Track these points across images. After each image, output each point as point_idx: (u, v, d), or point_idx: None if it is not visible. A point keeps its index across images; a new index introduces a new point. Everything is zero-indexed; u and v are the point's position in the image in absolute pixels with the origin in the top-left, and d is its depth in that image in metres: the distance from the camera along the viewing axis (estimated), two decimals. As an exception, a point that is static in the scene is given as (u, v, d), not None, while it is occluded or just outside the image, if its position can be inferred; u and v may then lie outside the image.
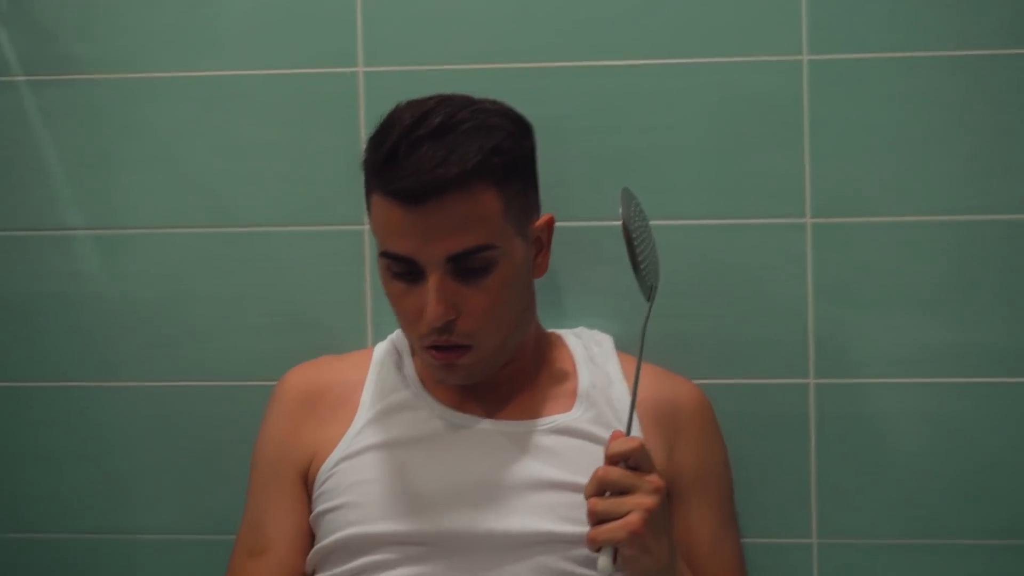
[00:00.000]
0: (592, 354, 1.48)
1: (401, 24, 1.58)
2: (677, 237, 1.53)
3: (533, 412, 1.42)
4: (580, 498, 1.31)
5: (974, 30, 1.52)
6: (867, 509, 1.56)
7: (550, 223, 1.42)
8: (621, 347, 1.51)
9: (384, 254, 1.34)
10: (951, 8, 1.52)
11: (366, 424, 1.41)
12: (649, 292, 1.33)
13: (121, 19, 1.61)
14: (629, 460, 1.26)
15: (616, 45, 1.55)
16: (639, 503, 1.24)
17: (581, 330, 1.53)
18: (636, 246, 1.30)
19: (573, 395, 1.44)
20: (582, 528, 1.31)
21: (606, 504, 1.24)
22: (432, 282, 1.31)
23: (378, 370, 1.46)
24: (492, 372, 1.39)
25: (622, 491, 1.25)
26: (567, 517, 1.34)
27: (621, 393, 1.45)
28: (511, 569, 1.33)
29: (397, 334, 1.50)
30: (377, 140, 1.33)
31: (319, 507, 1.40)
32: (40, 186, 1.63)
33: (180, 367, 1.63)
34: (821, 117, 1.54)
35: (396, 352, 1.48)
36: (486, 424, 1.40)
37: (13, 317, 1.65)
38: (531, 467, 1.37)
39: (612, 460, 1.26)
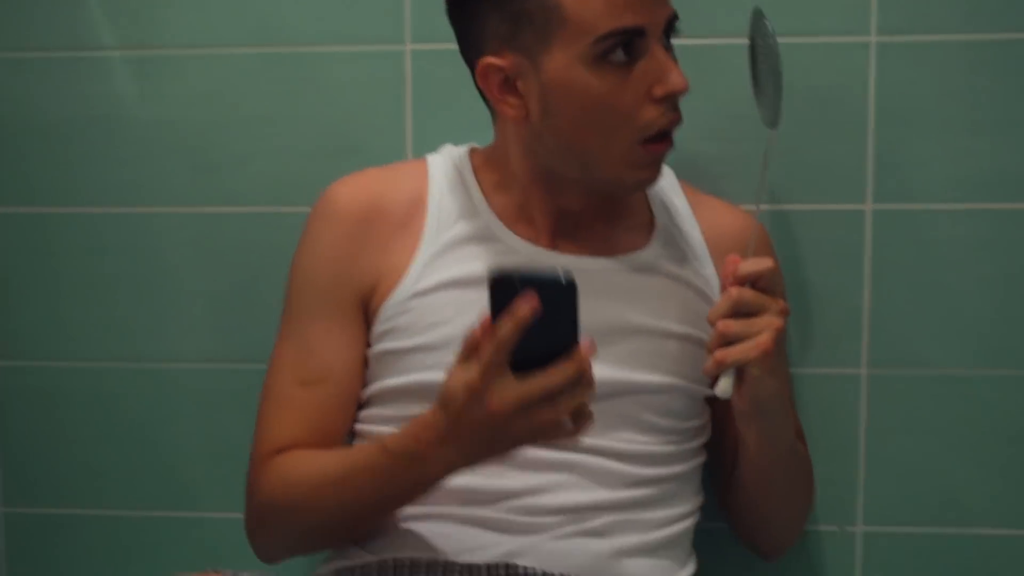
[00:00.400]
0: (659, 185, 1.43)
1: None
2: (735, 55, 1.47)
3: (612, 247, 1.37)
4: (662, 345, 1.31)
5: None
6: (921, 339, 1.53)
7: None
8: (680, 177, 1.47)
9: (609, 35, 1.23)
10: None
11: (437, 254, 1.34)
12: (774, 119, 1.30)
13: None
14: (759, 281, 1.24)
15: None
16: (770, 323, 1.22)
17: None
18: (759, 67, 1.28)
19: (648, 228, 1.39)
20: (666, 377, 1.31)
21: (739, 325, 1.22)
22: (658, 51, 1.25)
23: (439, 190, 1.38)
24: None
25: (750, 313, 1.23)
26: (652, 365, 1.32)
27: (692, 227, 1.41)
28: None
29: (457, 155, 1.42)
30: None
31: (387, 344, 1.34)
32: (73, 4, 1.59)
33: (218, 193, 1.60)
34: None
35: (457, 172, 1.39)
36: (567, 260, 1.34)
37: (47, 142, 1.62)
38: (614, 310, 1.33)
39: (741, 281, 1.24)
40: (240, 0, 1.57)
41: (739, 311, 1.23)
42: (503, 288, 1.10)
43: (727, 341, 1.23)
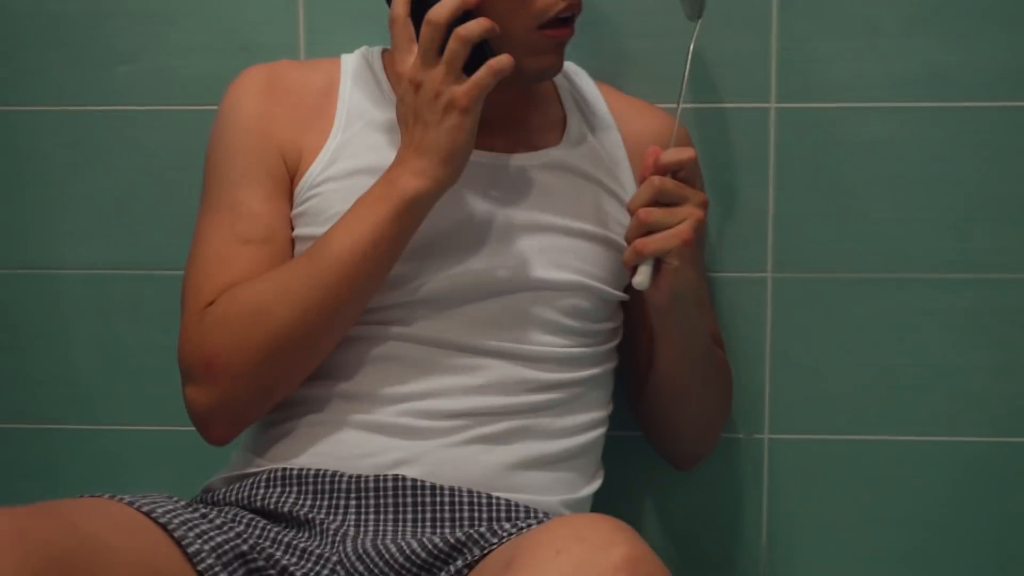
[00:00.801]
0: (574, 85, 1.41)
1: None
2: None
3: (523, 143, 1.34)
4: (572, 243, 1.29)
5: None
6: (826, 242, 1.50)
7: None
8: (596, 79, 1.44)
9: None
10: None
11: (347, 142, 1.31)
12: (697, 10, 1.31)
13: None
14: (681, 172, 1.24)
15: None
16: (691, 213, 1.23)
17: None
18: None
19: (561, 126, 1.37)
20: (572, 275, 1.29)
21: (660, 214, 1.23)
22: None
23: (352, 81, 1.35)
24: None
25: (671, 203, 1.23)
26: (558, 263, 1.29)
27: (609, 128, 1.39)
28: (493, 317, 1.28)
29: (370, 54, 1.38)
30: None
31: (300, 229, 1.30)
32: None
33: (105, 90, 1.55)
34: None
35: (369, 68, 1.36)
36: (476, 155, 1.29)
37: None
38: (522, 206, 1.30)
39: (663, 170, 1.23)
40: None
41: (660, 200, 1.23)
42: None
43: (646, 231, 1.23)
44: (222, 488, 1.29)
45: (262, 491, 1.25)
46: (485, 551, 1.14)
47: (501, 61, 1.19)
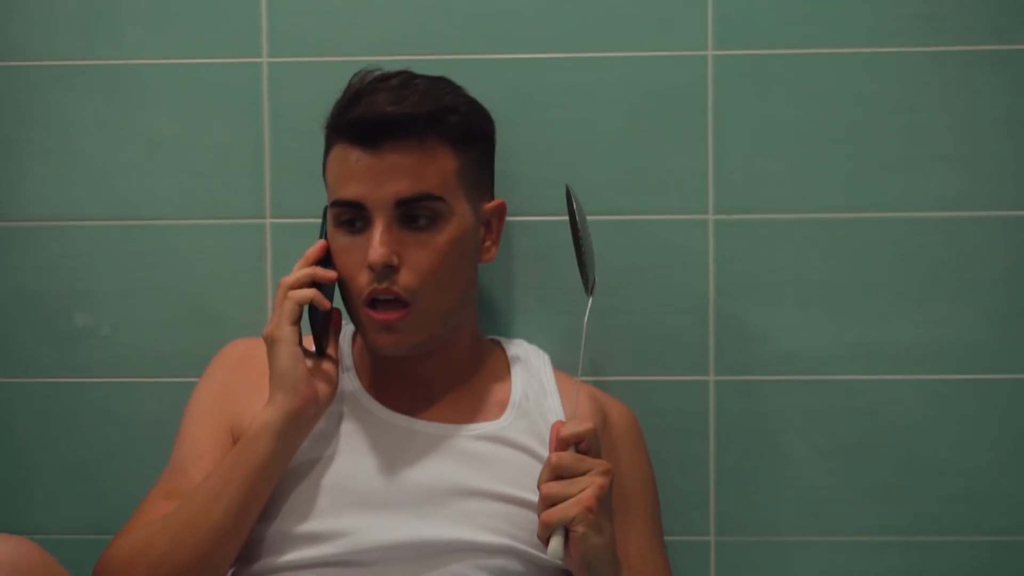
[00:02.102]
0: (529, 364, 1.47)
1: (307, 14, 1.57)
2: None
3: (462, 416, 1.40)
4: (501, 508, 1.33)
5: (879, 26, 1.53)
6: (766, 506, 1.56)
7: (501, 209, 1.44)
8: (557, 366, 1.50)
9: (335, 203, 1.35)
10: (856, 3, 1.54)
11: None
12: (590, 285, 1.36)
13: (18, 3, 1.58)
14: (581, 444, 1.26)
15: (522, 38, 1.55)
16: (592, 481, 1.24)
17: (520, 341, 1.52)
18: (581, 239, 1.35)
19: (505, 403, 1.43)
20: (500, 538, 1.32)
21: (560, 486, 1.24)
22: (377, 226, 1.33)
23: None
24: (428, 348, 1.38)
25: (573, 475, 1.25)
26: (487, 526, 1.33)
27: (555, 405, 1.44)
28: None
29: (351, 329, 1.47)
30: (341, 97, 1.38)
31: None
32: (-67, 174, 1.60)
33: (79, 363, 1.60)
34: (725, 113, 1.55)
35: (341, 342, 1.45)
36: (411, 423, 1.38)
37: (-96, 312, 1.61)
38: (453, 473, 1.35)
39: (563, 445, 1.27)
40: (101, 174, 1.59)
41: (561, 475, 1.25)
42: None
43: (553, 503, 1.25)
44: None
45: None
46: None
47: (303, 288, 1.35)
